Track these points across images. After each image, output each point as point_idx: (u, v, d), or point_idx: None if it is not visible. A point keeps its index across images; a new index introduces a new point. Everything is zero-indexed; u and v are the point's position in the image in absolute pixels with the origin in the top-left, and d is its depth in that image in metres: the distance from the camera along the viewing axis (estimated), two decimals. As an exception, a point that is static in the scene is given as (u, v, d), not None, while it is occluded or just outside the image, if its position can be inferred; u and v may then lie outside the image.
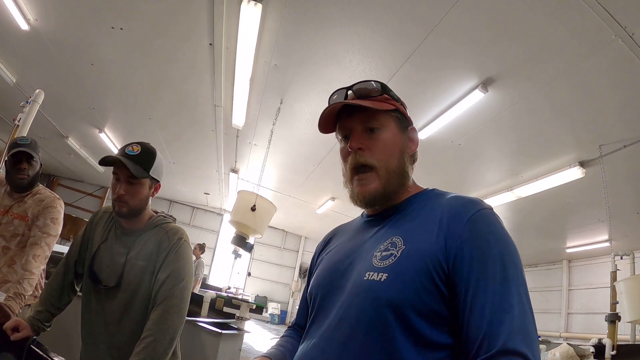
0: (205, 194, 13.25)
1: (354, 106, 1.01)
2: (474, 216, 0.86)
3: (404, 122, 1.05)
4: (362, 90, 1.03)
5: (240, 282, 10.08)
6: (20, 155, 2.36)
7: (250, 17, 4.32)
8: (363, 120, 1.01)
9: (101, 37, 5.33)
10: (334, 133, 1.11)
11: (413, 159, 1.07)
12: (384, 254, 0.90)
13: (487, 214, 0.88)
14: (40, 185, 2.56)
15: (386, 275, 0.86)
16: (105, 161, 1.66)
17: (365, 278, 0.89)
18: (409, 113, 1.10)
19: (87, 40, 5.47)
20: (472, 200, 0.91)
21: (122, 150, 1.70)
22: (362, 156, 0.99)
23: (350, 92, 1.05)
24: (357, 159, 1.00)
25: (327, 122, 1.08)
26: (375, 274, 0.87)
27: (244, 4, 4.15)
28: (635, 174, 5.88)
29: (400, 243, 0.90)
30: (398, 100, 1.06)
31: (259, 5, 4.17)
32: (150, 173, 1.72)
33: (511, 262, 0.81)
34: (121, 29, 5.07)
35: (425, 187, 1.08)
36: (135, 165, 1.66)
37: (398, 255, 0.87)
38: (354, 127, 1.02)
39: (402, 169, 1.01)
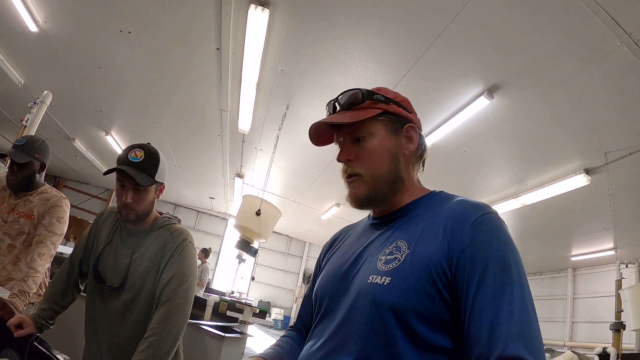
0: (211, 198, 13.27)
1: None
2: (477, 220, 0.85)
3: (397, 123, 1.04)
4: (346, 101, 1.05)
5: (244, 286, 10.07)
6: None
7: (257, 23, 4.35)
8: (350, 131, 1.04)
9: (109, 40, 5.38)
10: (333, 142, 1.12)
11: (416, 156, 1.07)
12: (388, 257, 0.90)
13: (491, 218, 0.87)
14: (47, 184, 2.57)
15: (389, 279, 0.86)
16: (111, 171, 1.67)
17: (369, 281, 0.89)
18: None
19: (95, 43, 5.52)
20: (477, 205, 0.90)
21: (125, 157, 1.67)
22: (349, 167, 1.03)
23: (337, 103, 1.07)
24: (346, 169, 1.05)
25: (320, 137, 1.11)
26: (379, 277, 0.88)
27: (252, 9, 4.18)
28: (642, 181, 5.84)
29: (404, 247, 0.90)
30: (387, 101, 1.04)
31: (266, 11, 4.20)
32: (155, 178, 1.72)
33: (514, 266, 0.80)
34: (129, 32, 5.12)
35: (432, 190, 1.08)
36: (141, 174, 1.65)
37: (402, 260, 0.87)
38: (344, 139, 1.06)
39: (394, 172, 1.02)
